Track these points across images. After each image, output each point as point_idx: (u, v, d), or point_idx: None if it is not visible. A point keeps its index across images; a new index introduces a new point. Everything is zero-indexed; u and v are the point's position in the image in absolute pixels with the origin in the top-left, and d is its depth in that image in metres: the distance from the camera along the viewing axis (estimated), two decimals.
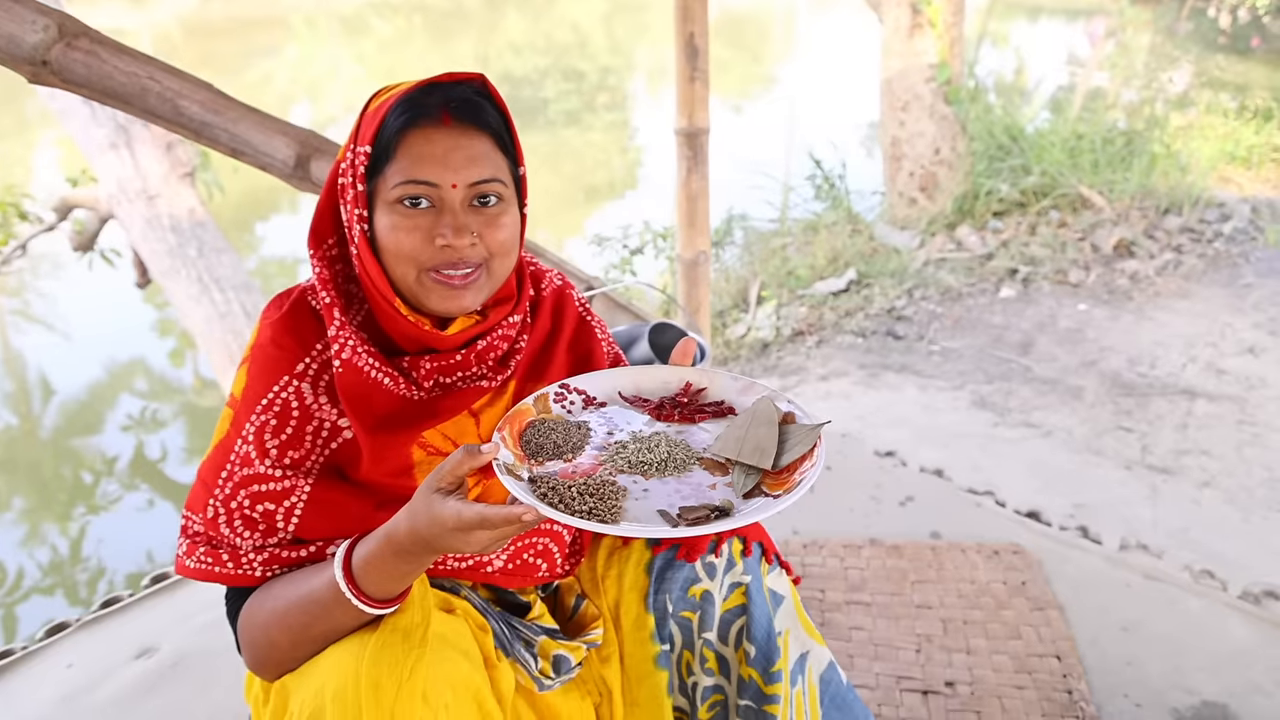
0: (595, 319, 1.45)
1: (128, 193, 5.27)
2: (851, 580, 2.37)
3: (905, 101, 6.09)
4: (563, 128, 11.56)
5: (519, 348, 1.29)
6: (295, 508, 1.15)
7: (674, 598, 1.33)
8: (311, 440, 1.17)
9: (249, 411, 1.16)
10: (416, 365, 1.19)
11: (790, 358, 4.67)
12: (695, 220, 3.21)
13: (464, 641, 1.14)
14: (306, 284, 1.24)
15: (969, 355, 4.39)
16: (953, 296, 5.09)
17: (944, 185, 6.02)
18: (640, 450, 1.13)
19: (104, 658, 2.21)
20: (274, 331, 1.19)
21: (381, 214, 1.13)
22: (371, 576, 1.05)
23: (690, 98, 3.02)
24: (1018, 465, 3.26)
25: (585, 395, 1.27)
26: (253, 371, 1.19)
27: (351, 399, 1.16)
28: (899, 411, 3.81)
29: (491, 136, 1.17)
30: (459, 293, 1.15)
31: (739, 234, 6.08)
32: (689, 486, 1.08)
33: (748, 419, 1.15)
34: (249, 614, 1.16)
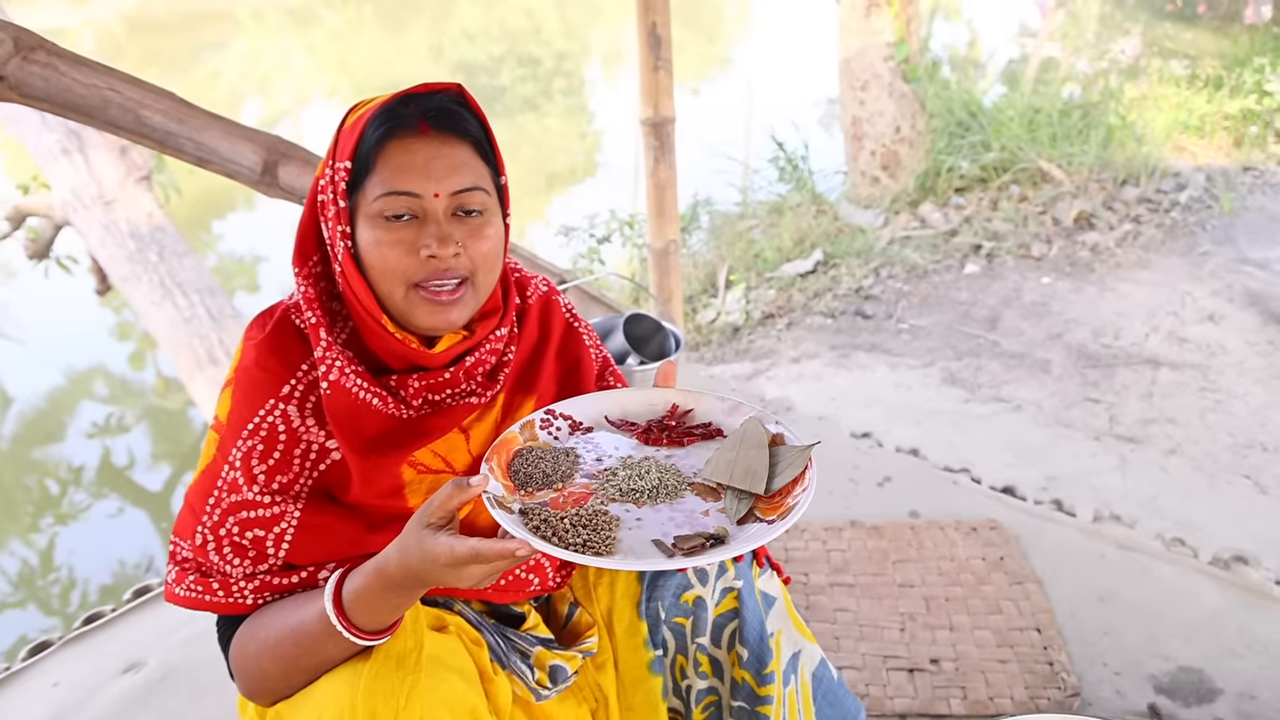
0: (582, 324, 1.45)
1: (83, 199, 5.17)
2: (834, 562, 2.41)
3: (864, 80, 6.12)
4: (520, 114, 11.48)
5: (507, 360, 1.29)
6: (285, 534, 1.14)
7: (666, 604, 1.35)
8: (300, 464, 1.16)
9: (235, 437, 1.15)
10: (405, 384, 1.18)
11: (761, 341, 4.70)
12: (664, 209, 3.22)
13: (458, 660, 1.14)
14: (289, 301, 1.22)
15: (937, 332, 4.44)
16: (919, 274, 5.14)
17: (905, 163, 6.07)
18: (631, 477, 1.13)
19: (90, 675, 2.18)
20: (258, 354, 1.18)
21: (364, 229, 1.12)
22: (362, 610, 1.04)
23: (655, 87, 3.02)
24: (991, 441, 3.32)
25: (571, 420, 1.26)
26: (237, 395, 1.17)
27: (340, 421, 1.15)
28: (871, 391, 3.86)
29: (472, 145, 1.16)
30: (446, 309, 1.14)
31: (705, 219, 6.09)
32: (682, 514, 1.07)
33: (737, 441, 1.15)
34: (240, 643, 1.15)
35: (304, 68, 15.59)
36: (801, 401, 3.58)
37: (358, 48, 17.40)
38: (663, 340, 2.96)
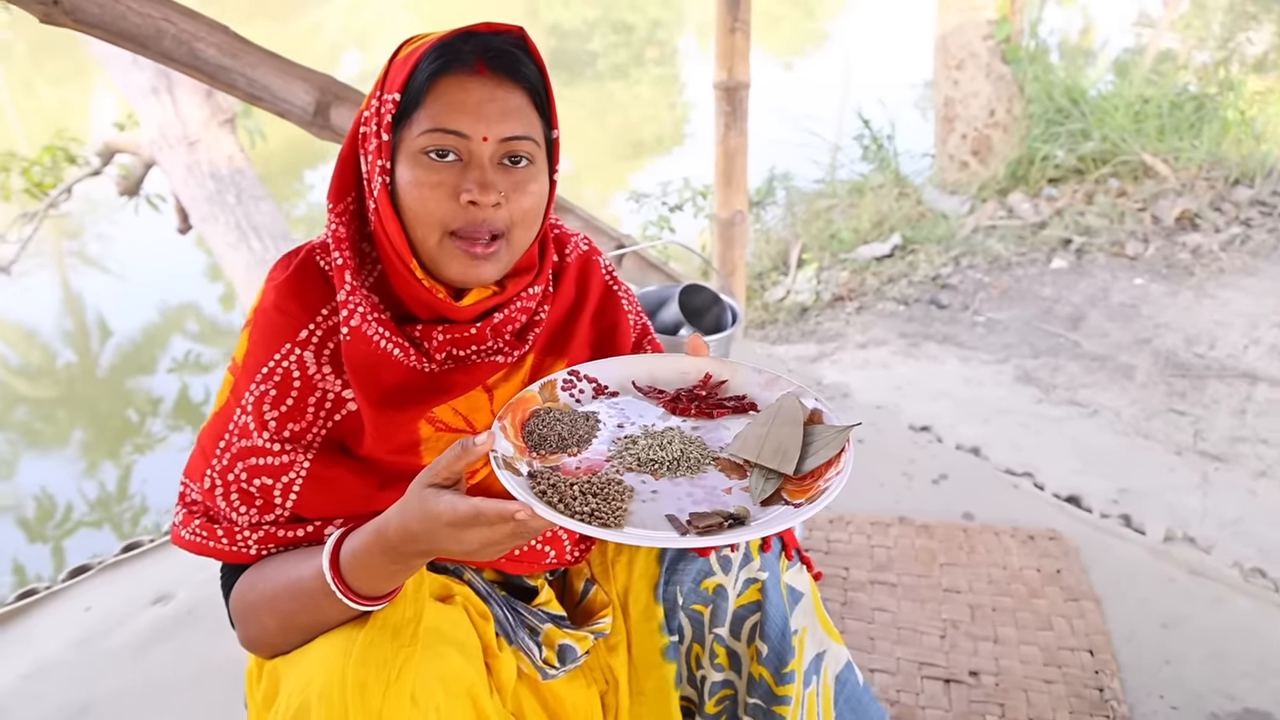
0: (623, 288, 1.37)
1: (168, 138, 5.25)
2: (878, 559, 2.28)
3: (960, 59, 5.85)
4: (610, 81, 11.38)
5: (538, 320, 1.22)
6: (294, 484, 1.10)
7: (685, 590, 1.27)
8: (314, 413, 1.11)
9: (249, 380, 1.11)
10: (429, 336, 1.12)
11: (829, 323, 4.54)
12: (733, 178, 3.09)
13: (460, 633, 1.09)
14: (316, 241, 1.17)
15: (1015, 328, 4.23)
16: (1001, 266, 4.91)
17: (997, 149, 5.80)
18: (651, 447, 1.05)
19: (122, 603, 2.21)
20: (278, 295, 1.13)
21: (404, 166, 1.06)
22: (360, 574, 0.99)
23: (730, 50, 2.89)
24: (1060, 445, 3.13)
25: (596, 383, 1.19)
26: (254, 337, 1.13)
27: (358, 370, 1.09)
28: (938, 384, 3.68)
29: (528, 92, 1.09)
30: (479, 263, 1.08)
31: (781, 194, 5.92)
32: (702, 489, 1.00)
33: (770, 417, 1.06)
34: (240, 593, 1.11)
35: (403, 23, 15.71)
36: (861, 389, 3.43)
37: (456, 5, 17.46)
38: (719, 313, 2.85)
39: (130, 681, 1.95)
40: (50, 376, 5.82)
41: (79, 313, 6.82)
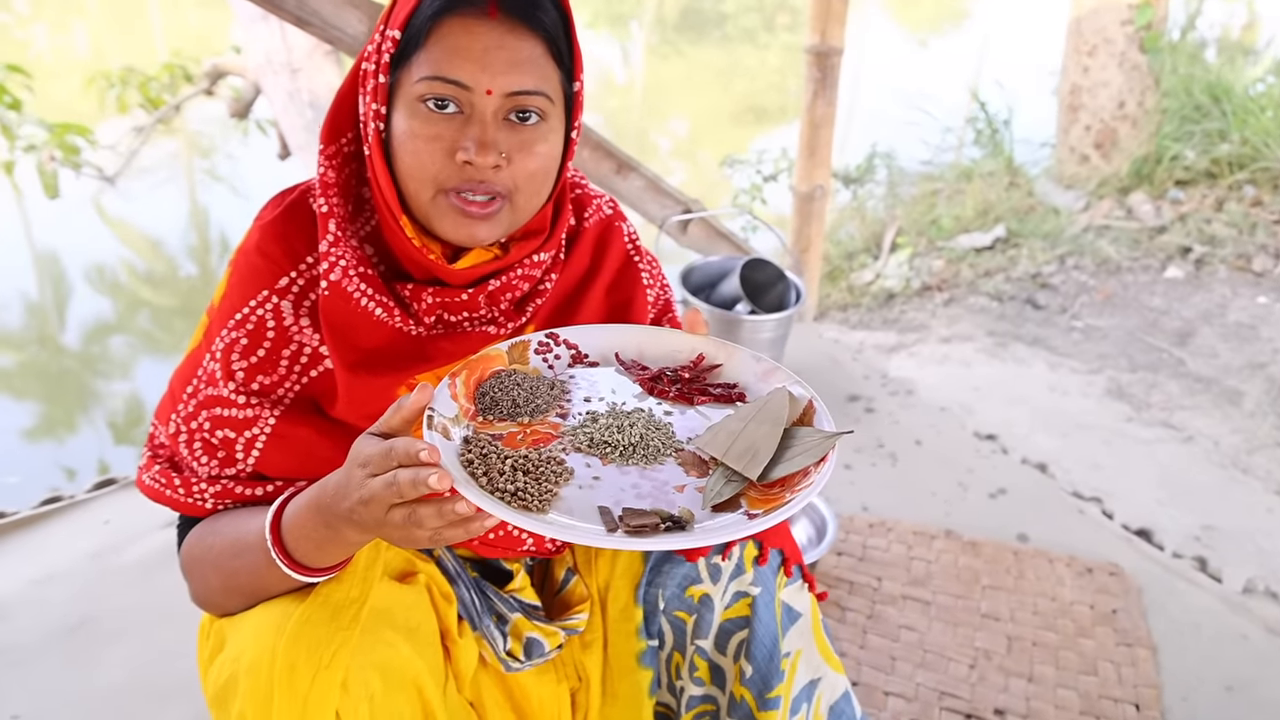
0: (646, 258, 1.25)
1: (273, 64, 5.28)
2: (915, 573, 2.12)
3: (1093, 45, 5.44)
4: (739, 44, 11.11)
5: (542, 289, 1.12)
6: (256, 440, 1.03)
7: (668, 594, 1.17)
8: (287, 367, 1.03)
9: (221, 324, 1.03)
10: (418, 296, 1.03)
11: (914, 313, 4.30)
12: (816, 150, 2.91)
13: (414, 617, 1.01)
14: (313, 180, 1.08)
15: (1115, 337, 3.93)
16: (1110, 269, 4.57)
17: (1123, 144, 5.40)
18: (609, 428, 0.94)
19: (139, 521, 2.23)
20: (261, 237, 1.05)
21: (401, 113, 0.96)
22: (298, 539, 0.92)
23: (826, 12, 2.69)
24: (1143, 470, 2.87)
25: (575, 350, 1.08)
26: (232, 280, 1.05)
27: (333, 328, 1.01)
28: (1020, 389, 3.44)
29: (545, 40, 0.97)
30: (474, 223, 0.98)
31: (883, 173, 5.64)
32: (651, 483, 0.89)
33: (751, 411, 0.95)
34: (189, 546, 1.05)
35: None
36: (929, 386, 3.22)
37: None
38: (783, 291, 2.69)
39: (134, 600, 1.96)
40: (171, 286, 5.96)
41: (203, 227, 6.98)
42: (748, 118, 8.23)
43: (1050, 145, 5.92)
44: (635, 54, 11.21)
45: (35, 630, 1.89)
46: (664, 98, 9.28)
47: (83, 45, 9.98)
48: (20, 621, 1.92)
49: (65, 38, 10.47)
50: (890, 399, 2.93)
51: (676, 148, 7.89)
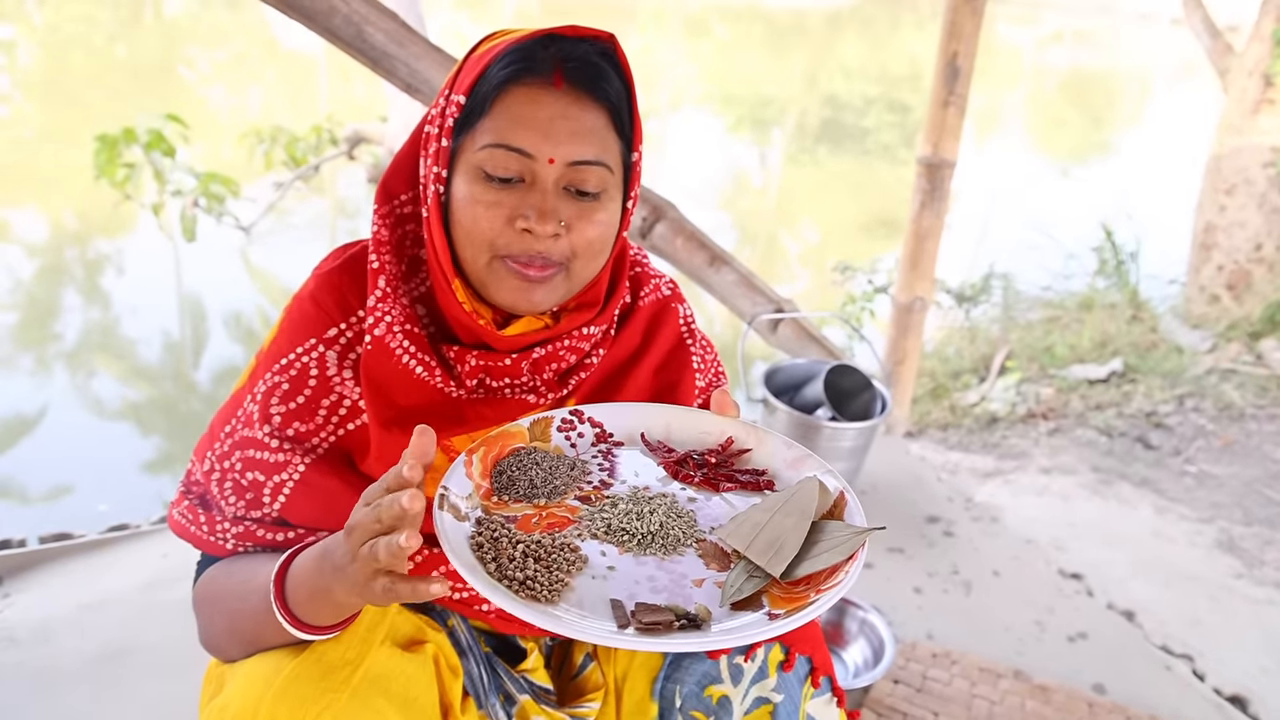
0: (699, 340, 1.24)
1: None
2: (976, 712, 2.01)
3: (1232, 185, 5.28)
4: (876, 158, 11.20)
5: (589, 364, 1.11)
6: (284, 486, 1.04)
7: (685, 691, 1.11)
8: (325, 416, 1.05)
9: (267, 368, 1.06)
10: (462, 359, 1.04)
11: (1016, 440, 4.16)
12: (920, 262, 2.89)
13: (412, 688, 0.98)
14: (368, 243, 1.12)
15: (1232, 486, 3.71)
16: (1232, 415, 4.34)
17: (1257, 287, 5.17)
18: (629, 514, 0.92)
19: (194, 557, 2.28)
20: (317, 286, 1.08)
21: (461, 178, 0.98)
22: (296, 591, 0.91)
23: (941, 124, 2.70)
24: (1249, 632, 2.67)
25: (600, 429, 1.06)
26: (284, 325, 1.08)
27: (372, 383, 1.02)
28: (1121, 529, 3.27)
29: (608, 110, 0.99)
30: (531, 288, 0.99)
31: (999, 294, 5.53)
32: (669, 575, 0.86)
33: (778, 502, 0.91)
34: (202, 584, 1.07)
35: (685, 73, 16.21)
36: (1019, 516, 3.09)
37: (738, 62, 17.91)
38: (869, 400, 2.65)
39: (175, 635, 1.98)
40: None
41: None
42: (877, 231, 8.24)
43: (1179, 283, 5.72)
44: (774, 159, 11.40)
45: (73, 656, 1.92)
46: (796, 204, 9.38)
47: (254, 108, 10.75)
48: (61, 645, 1.96)
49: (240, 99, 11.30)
50: (973, 524, 2.83)
51: (804, 254, 7.93)
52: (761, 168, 11.07)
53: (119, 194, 5.39)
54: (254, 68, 13.43)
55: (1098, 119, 15.41)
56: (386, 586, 0.80)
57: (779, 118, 13.48)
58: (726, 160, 10.74)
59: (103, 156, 5.17)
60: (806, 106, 14.25)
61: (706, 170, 9.53)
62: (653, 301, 1.21)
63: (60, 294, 5.60)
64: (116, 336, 5.17)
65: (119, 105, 8.76)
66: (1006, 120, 14.43)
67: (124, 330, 5.23)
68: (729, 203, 8.98)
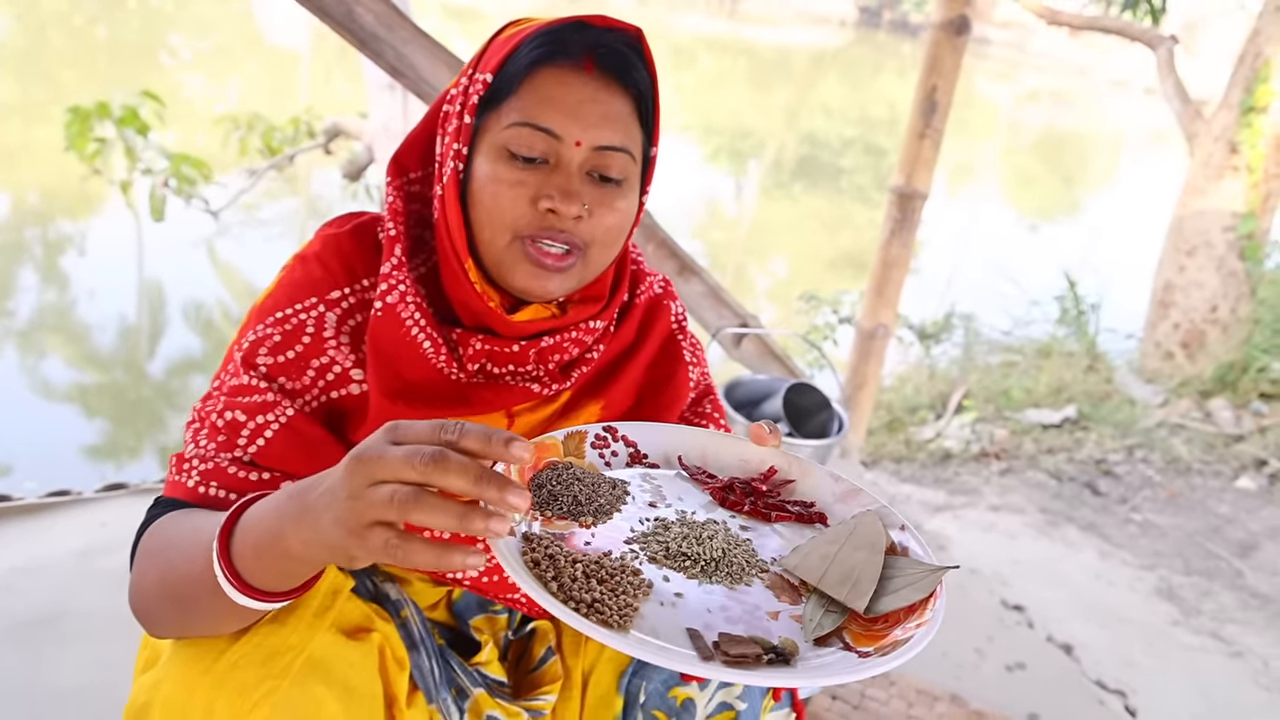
0: (690, 340, 1.23)
1: (389, 132, 5.55)
2: None
3: (1193, 246, 5.41)
4: (850, 197, 11.34)
5: (589, 357, 1.10)
6: (267, 428, 0.97)
7: (650, 689, 1.09)
8: (313, 378, 1.00)
9: (258, 320, 1.02)
10: (466, 341, 1.02)
11: (968, 477, 4.21)
12: (885, 290, 2.92)
13: (354, 676, 0.93)
14: (379, 214, 1.10)
15: (1174, 537, 3.77)
16: (1179, 469, 4.42)
17: (1211, 348, 5.29)
18: (687, 538, 0.87)
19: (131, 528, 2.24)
20: (324, 246, 1.05)
21: (484, 158, 0.96)
22: (249, 541, 0.77)
23: (915, 156, 2.74)
24: (1181, 678, 2.71)
25: (635, 449, 1.02)
26: (283, 281, 1.04)
27: (379, 351, 0.99)
28: (1064, 571, 3.31)
29: (634, 100, 0.99)
30: (547, 275, 0.97)
31: (960, 334, 5.61)
32: (740, 605, 0.81)
33: (843, 535, 0.87)
34: (146, 536, 0.94)
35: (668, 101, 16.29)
36: (966, 549, 3.12)
37: (720, 95, 18.07)
38: (826, 421, 2.67)
39: (106, 605, 1.92)
40: None
41: None
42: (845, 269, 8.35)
43: (1136, 338, 5.84)
44: (749, 191, 11.50)
45: (3, 618, 1.86)
46: (768, 237, 9.46)
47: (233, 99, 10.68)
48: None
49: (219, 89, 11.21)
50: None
51: (772, 286, 8.00)
52: (736, 199, 11.17)
53: (88, 168, 5.29)
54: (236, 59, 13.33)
55: (1068, 178, 15.74)
56: (391, 543, 0.67)
57: (757, 151, 13.62)
58: (702, 189, 10.82)
59: (74, 129, 5.08)
60: (785, 142, 14.42)
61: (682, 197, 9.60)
62: (648, 299, 1.21)
63: (17, 272, 5.49)
64: (71, 319, 5.06)
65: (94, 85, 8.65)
66: (980, 172, 14.69)
67: (80, 314, 5.12)
68: (701, 231, 9.04)
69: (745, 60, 23.21)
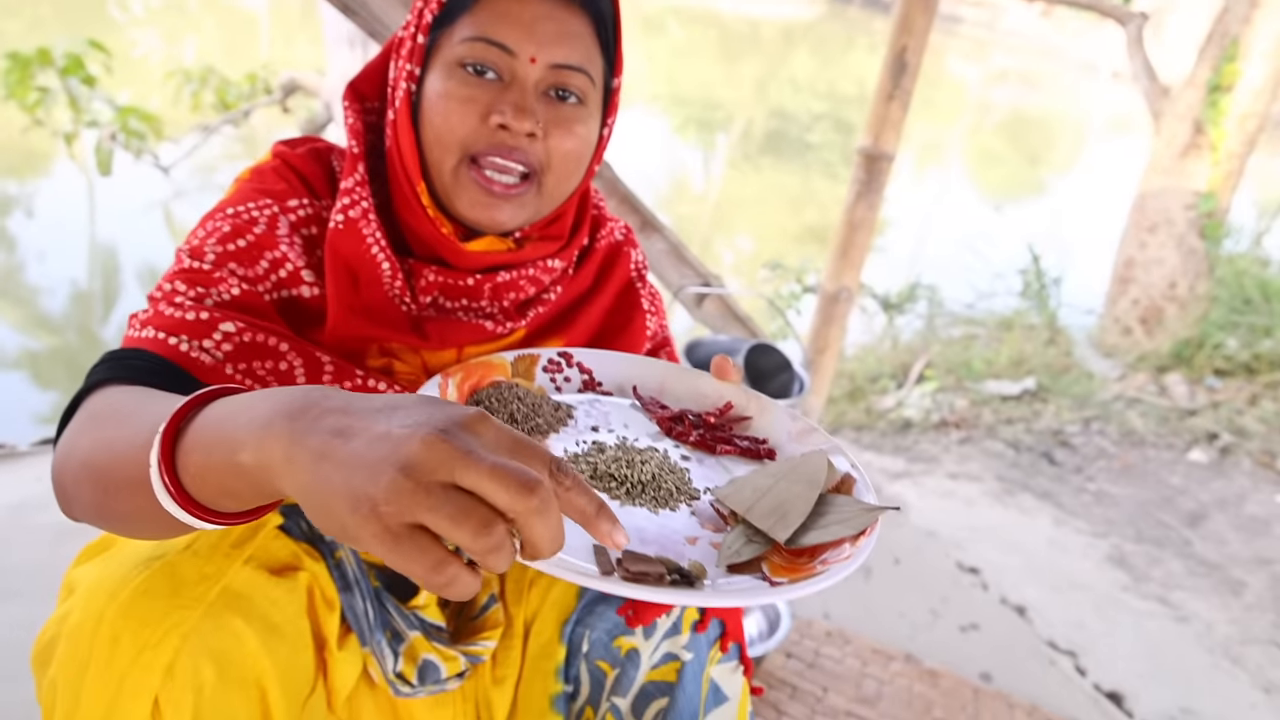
0: (649, 289, 1.21)
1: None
2: (865, 691, 2.02)
3: (1154, 223, 5.46)
4: (817, 173, 11.33)
5: (546, 298, 1.07)
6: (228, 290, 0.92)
7: (594, 638, 1.06)
8: (265, 271, 0.95)
9: (209, 219, 0.97)
10: (420, 272, 0.99)
11: (928, 445, 4.23)
12: (850, 252, 2.90)
13: (275, 614, 0.87)
14: (333, 144, 1.06)
15: (1126, 506, 3.82)
16: (1133, 441, 4.48)
17: (1168, 324, 5.35)
18: (618, 461, 0.85)
19: None
20: (282, 162, 1.01)
21: (436, 75, 0.93)
22: (197, 455, 0.63)
23: (883, 116, 2.71)
24: (1130, 639, 2.75)
25: (589, 376, 1.00)
26: (239, 187, 1.00)
27: (340, 260, 0.96)
28: (1019, 538, 3.33)
29: (593, 22, 0.96)
30: (496, 202, 0.94)
31: (924, 305, 5.63)
32: (659, 528, 0.79)
33: (784, 469, 0.85)
34: (97, 396, 0.81)
35: (636, 71, 16.17)
36: (923, 513, 3.13)
37: (689, 65, 17.93)
38: (787, 382, 2.65)
39: (33, 560, 1.86)
40: None
41: None
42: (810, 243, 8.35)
43: (1096, 314, 5.89)
44: (716, 166, 11.45)
45: None
46: (735, 212, 9.44)
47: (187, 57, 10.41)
48: None
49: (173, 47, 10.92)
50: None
51: (737, 258, 7.98)
52: (704, 171, 11.11)
53: (29, 119, 5.08)
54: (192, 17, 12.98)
55: (1033, 159, 15.85)
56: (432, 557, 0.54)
57: (725, 123, 13.56)
58: (669, 161, 10.75)
59: (14, 76, 4.85)
60: (753, 116, 14.36)
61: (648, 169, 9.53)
62: (608, 244, 1.18)
63: None
64: (20, 283, 4.90)
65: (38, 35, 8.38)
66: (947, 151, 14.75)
67: (30, 277, 4.95)
68: (667, 204, 8.98)
69: (715, 32, 23.05)
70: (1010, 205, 12.00)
